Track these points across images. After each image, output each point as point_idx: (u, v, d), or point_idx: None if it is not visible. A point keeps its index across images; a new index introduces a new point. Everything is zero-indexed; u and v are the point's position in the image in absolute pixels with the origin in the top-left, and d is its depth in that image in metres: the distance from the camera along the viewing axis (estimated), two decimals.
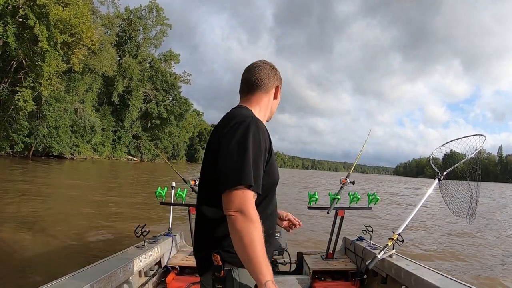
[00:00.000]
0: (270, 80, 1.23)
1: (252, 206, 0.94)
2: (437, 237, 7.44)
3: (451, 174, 2.46)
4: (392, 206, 13.21)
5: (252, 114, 1.10)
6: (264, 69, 1.23)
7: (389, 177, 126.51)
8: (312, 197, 2.75)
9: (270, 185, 1.11)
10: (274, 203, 1.17)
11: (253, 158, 0.98)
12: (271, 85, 1.23)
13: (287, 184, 22.57)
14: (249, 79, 1.22)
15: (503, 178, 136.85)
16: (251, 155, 0.97)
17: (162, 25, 47.93)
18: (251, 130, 1.01)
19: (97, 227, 5.83)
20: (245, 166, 0.95)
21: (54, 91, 24.16)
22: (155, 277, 2.42)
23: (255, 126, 1.02)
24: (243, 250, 0.91)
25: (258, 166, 0.99)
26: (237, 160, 0.96)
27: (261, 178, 1.00)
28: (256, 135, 1.01)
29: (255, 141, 1.00)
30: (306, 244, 5.86)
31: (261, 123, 1.08)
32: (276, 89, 1.26)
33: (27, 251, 4.18)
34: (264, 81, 1.21)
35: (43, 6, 20.68)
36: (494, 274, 4.91)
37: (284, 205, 10.79)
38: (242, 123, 1.02)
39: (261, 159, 1.01)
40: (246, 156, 0.96)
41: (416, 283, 1.93)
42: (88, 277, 1.61)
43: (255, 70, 1.22)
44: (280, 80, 1.28)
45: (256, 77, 1.20)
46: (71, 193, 9.64)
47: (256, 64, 1.25)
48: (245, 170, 0.95)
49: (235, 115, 1.10)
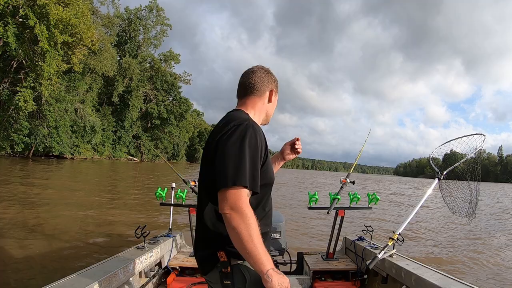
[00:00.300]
0: (263, 84, 1.27)
1: (246, 204, 0.98)
2: (442, 240, 7.40)
3: (451, 174, 2.44)
4: (392, 206, 13.19)
5: (248, 117, 1.15)
6: (258, 74, 1.27)
7: (389, 177, 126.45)
8: (312, 197, 2.75)
9: (265, 186, 1.14)
10: (270, 203, 1.21)
11: (250, 159, 1.03)
12: (265, 89, 1.28)
13: (286, 184, 22.57)
14: (244, 84, 1.27)
15: (503, 178, 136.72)
16: (247, 155, 1.02)
17: (162, 25, 48.03)
18: (248, 132, 1.06)
19: (97, 228, 5.82)
20: (240, 166, 1.00)
21: (54, 91, 24.13)
22: (156, 278, 2.42)
23: (252, 129, 1.07)
24: (241, 246, 0.96)
25: (255, 166, 1.04)
26: (233, 161, 1.01)
27: (259, 178, 1.05)
28: (253, 137, 1.06)
29: (251, 143, 1.05)
30: (307, 244, 5.87)
31: (257, 126, 1.13)
32: (270, 93, 1.30)
33: (27, 252, 4.18)
34: (258, 85, 1.26)
35: (43, 6, 20.68)
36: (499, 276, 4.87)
37: (284, 205, 10.91)
38: (239, 126, 1.07)
39: (258, 160, 1.06)
40: (241, 156, 1.02)
41: (416, 283, 1.92)
42: (89, 278, 1.61)
43: (250, 75, 1.27)
44: (275, 84, 1.32)
45: (250, 82, 1.26)
46: (70, 194, 9.62)
47: (252, 69, 1.30)
48: (240, 170, 1.00)
49: (232, 118, 1.14)
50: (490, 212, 13.08)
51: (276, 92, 1.32)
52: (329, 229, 3.01)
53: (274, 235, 2.92)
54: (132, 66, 40.92)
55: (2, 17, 20.24)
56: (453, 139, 2.53)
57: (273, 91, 1.30)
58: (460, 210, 2.40)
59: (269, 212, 1.19)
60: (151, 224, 5.95)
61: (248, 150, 1.03)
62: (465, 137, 2.43)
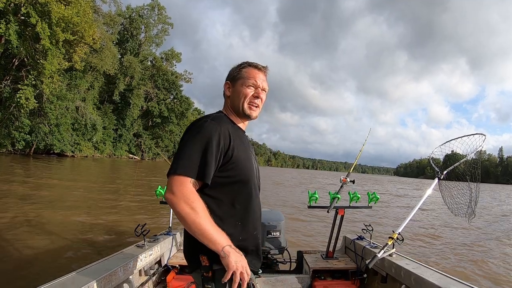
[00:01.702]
0: (225, 80, 1.30)
1: (188, 189, 1.03)
2: (442, 240, 7.37)
3: (451, 174, 2.45)
4: (392, 206, 13.19)
5: (213, 115, 1.22)
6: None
7: (389, 178, 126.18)
8: (312, 196, 2.74)
9: (237, 182, 1.15)
10: (250, 199, 1.19)
11: (200, 150, 1.07)
12: (225, 84, 1.30)
13: (285, 184, 22.55)
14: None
15: (503, 179, 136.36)
16: (193, 148, 1.08)
17: (163, 24, 47.93)
18: (202, 128, 1.11)
19: (96, 226, 5.83)
20: (183, 157, 1.07)
21: (55, 89, 24.15)
22: (155, 276, 2.42)
23: (206, 124, 1.12)
24: (190, 229, 1.01)
25: (205, 157, 1.07)
26: (178, 152, 1.10)
27: (209, 168, 1.07)
28: (206, 131, 1.10)
29: (202, 137, 1.09)
30: (306, 243, 5.88)
31: (219, 122, 1.15)
32: (225, 85, 1.30)
33: (27, 250, 4.19)
34: (224, 84, 1.31)
35: (45, 4, 20.67)
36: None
37: (284, 204, 10.93)
38: (194, 123, 1.16)
39: (211, 152, 1.08)
40: (186, 148, 1.08)
41: (416, 282, 1.93)
42: (89, 276, 1.61)
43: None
44: (233, 77, 1.28)
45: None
46: (69, 192, 9.64)
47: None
48: (182, 160, 1.07)
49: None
50: (495, 214, 12.99)
51: (235, 83, 1.26)
52: (329, 228, 3.02)
53: (274, 234, 2.92)
54: (133, 65, 40.92)
55: (4, 15, 20.24)
56: (453, 138, 2.53)
57: (228, 83, 1.29)
58: (460, 210, 2.39)
59: (244, 209, 1.16)
60: (151, 222, 5.97)
61: (196, 142, 1.08)
62: (466, 136, 2.42)
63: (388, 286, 2.29)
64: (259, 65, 1.27)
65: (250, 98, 1.24)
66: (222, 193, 1.12)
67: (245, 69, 1.25)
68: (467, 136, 2.43)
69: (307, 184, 26.56)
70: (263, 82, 1.26)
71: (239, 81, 1.25)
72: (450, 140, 2.54)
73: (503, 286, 4.44)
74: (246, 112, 1.24)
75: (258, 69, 1.26)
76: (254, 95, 1.24)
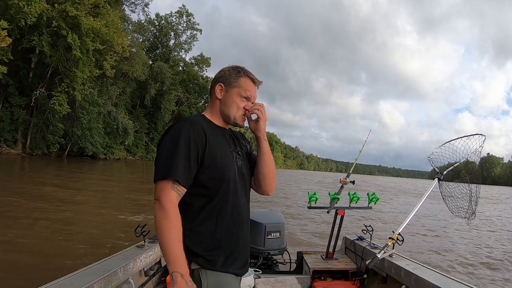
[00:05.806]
0: (213, 81, 1.28)
1: (167, 197, 1.04)
2: (442, 240, 7.26)
3: (451, 174, 2.50)
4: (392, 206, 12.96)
5: (188, 118, 1.17)
6: (215, 75, 1.29)
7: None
8: (312, 196, 2.74)
9: (213, 178, 1.14)
10: (227, 196, 1.16)
11: (176, 154, 1.07)
12: (213, 86, 1.27)
13: (284, 183, 21.68)
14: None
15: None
16: (167, 152, 1.09)
17: (192, 30, 49.22)
18: (173, 130, 1.12)
19: (99, 226, 5.98)
20: (162, 162, 1.09)
21: (87, 95, 25.72)
22: (155, 276, 2.42)
23: (179, 127, 1.11)
24: (159, 239, 1.02)
25: (186, 159, 1.08)
26: (159, 158, 1.11)
27: (189, 169, 1.08)
28: (177, 133, 1.10)
29: (174, 139, 1.09)
30: (306, 243, 5.89)
31: (193, 123, 1.13)
32: (218, 87, 1.25)
33: (27, 249, 4.31)
34: (211, 84, 1.28)
35: (75, 17, 22.04)
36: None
37: (284, 205, 10.98)
38: (172, 126, 1.15)
39: (186, 153, 1.08)
40: (163, 154, 1.10)
41: (416, 283, 1.94)
42: (88, 277, 1.62)
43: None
44: (229, 82, 1.24)
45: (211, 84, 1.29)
46: (86, 194, 9.87)
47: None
48: (161, 166, 1.08)
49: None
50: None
51: (230, 88, 1.24)
52: (329, 229, 3.04)
53: (274, 235, 2.98)
54: (164, 70, 42.38)
55: (37, 28, 21.90)
56: (453, 139, 2.52)
57: (221, 86, 1.25)
58: (460, 210, 2.42)
59: (221, 207, 1.15)
60: (151, 223, 5.92)
61: (169, 146, 1.09)
62: (465, 137, 2.43)
63: (388, 287, 2.32)
64: (256, 79, 1.27)
65: (242, 110, 1.25)
66: (198, 190, 1.13)
67: (243, 78, 1.25)
68: (467, 136, 2.43)
69: (310, 185, 26.25)
70: (255, 96, 1.28)
71: (235, 89, 1.24)
72: (450, 141, 2.54)
73: (504, 286, 4.48)
74: (238, 122, 1.26)
75: (254, 82, 1.27)
76: (246, 107, 1.25)
